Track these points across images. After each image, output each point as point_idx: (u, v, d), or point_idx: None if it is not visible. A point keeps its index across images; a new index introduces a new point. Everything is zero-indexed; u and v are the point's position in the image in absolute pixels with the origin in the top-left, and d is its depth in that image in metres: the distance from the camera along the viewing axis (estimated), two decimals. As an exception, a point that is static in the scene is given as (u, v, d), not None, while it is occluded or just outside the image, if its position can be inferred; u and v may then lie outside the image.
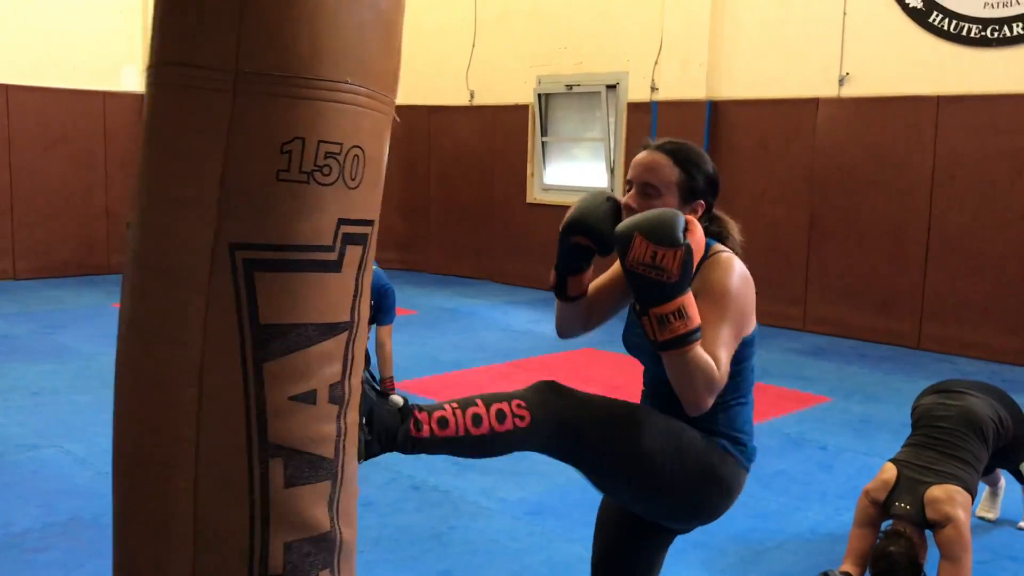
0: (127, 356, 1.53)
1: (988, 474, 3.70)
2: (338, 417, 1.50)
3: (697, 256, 1.83)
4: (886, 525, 3.17)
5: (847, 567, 3.15)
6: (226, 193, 1.38)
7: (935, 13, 7.20)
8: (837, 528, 3.75)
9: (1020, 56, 6.86)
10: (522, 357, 6.76)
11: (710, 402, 1.82)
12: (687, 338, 1.76)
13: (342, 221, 1.44)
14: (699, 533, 3.66)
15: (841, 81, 7.71)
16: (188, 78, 1.39)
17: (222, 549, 1.43)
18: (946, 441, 3.21)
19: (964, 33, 7.08)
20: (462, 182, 10.78)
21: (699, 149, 2.06)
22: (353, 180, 1.45)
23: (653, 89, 8.93)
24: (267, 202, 1.38)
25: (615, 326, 7.27)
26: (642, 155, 2.04)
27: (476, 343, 7.21)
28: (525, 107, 10.03)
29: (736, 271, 1.95)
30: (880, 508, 3.16)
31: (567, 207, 2.14)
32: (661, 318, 1.76)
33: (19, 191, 9.26)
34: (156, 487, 1.47)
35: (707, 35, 8.44)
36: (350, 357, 1.51)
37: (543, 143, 9.96)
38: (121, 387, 1.55)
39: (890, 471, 3.19)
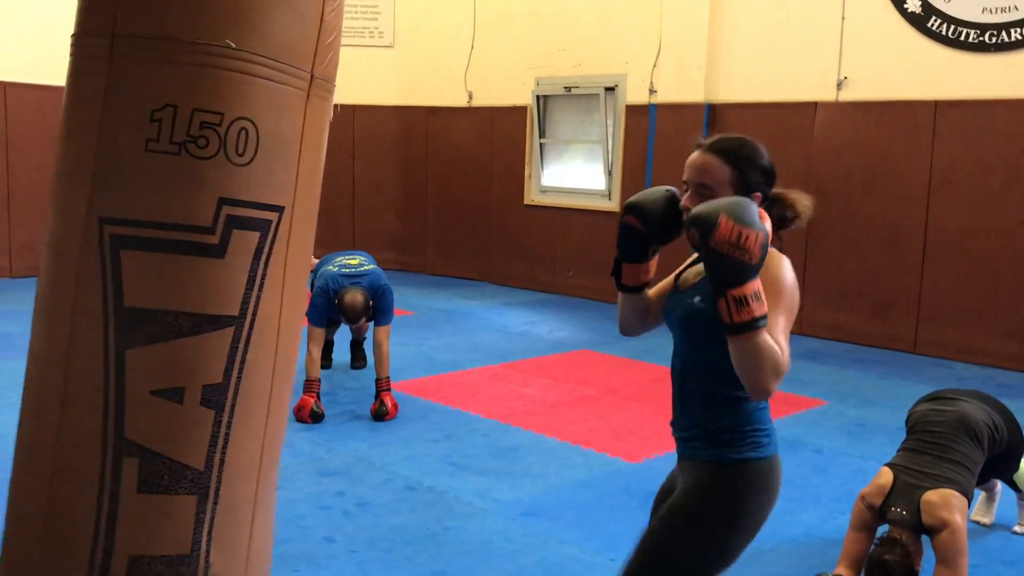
0: (32, 334, 1.42)
1: (984, 482, 3.71)
2: (215, 424, 1.31)
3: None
4: (882, 530, 3.18)
5: (841, 570, 3.16)
6: (99, 165, 1.27)
7: (933, 18, 7.21)
8: (832, 531, 3.75)
9: (1018, 61, 6.87)
10: (518, 358, 6.76)
11: (775, 387, 1.83)
12: (760, 320, 1.79)
13: (225, 201, 1.29)
14: (694, 535, 3.68)
15: (839, 85, 7.72)
16: (77, 47, 1.31)
17: (65, 549, 1.30)
18: (942, 445, 3.21)
19: (962, 38, 7.09)
20: (460, 183, 10.78)
21: (752, 143, 2.09)
22: (240, 156, 1.29)
23: (651, 92, 8.94)
24: (136, 174, 1.25)
25: (607, 327, 7.27)
26: (694, 156, 2.07)
27: (473, 344, 7.20)
28: (523, 109, 10.03)
29: (788, 266, 2.01)
30: (876, 513, 3.16)
31: (565, 209, 2.16)
32: (740, 300, 1.76)
33: (16, 188, 9.24)
34: (26, 471, 1.35)
35: (705, 38, 8.45)
36: (239, 360, 1.32)
37: (541, 145, 9.96)
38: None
39: (886, 476, 3.19)
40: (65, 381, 1.29)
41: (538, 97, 9.84)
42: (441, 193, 10.93)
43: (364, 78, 10.41)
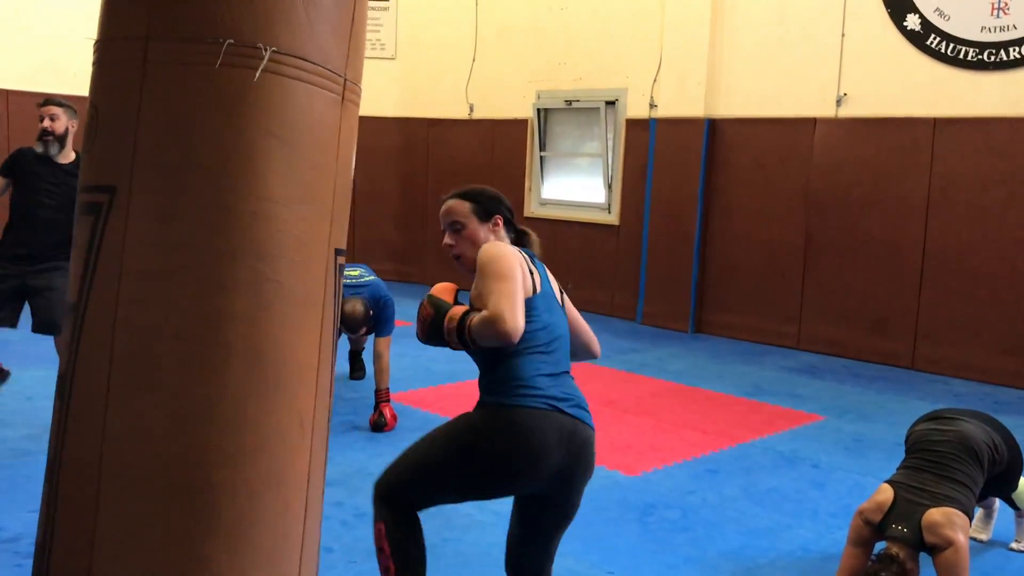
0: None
1: (982, 500, 3.71)
2: (60, 414, 1.41)
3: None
4: (880, 546, 3.18)
5: (838, 585, 3.16)
6: None
7: (933, 36, 7.26)
8: (829, 546, 3.75)
9: (1016, 80, 6.91)
10: (517, 370, 6.75)
11: (511, 329, 2.23)
12: (462, 326, 2.31)
13: (82, 189, 1.40)
14: (691, 549, 3.69)
15: (839, 101, 7.76)
16: (138, 50, 1.38)
17: None
18: (943, 464, 3.22)
19: (961, 56, 7.14)
20: (460, 195, 10.78)
21: (479, 186, 2.68)
22: (89, 142, 1.38)
23: (652, 106, 8.97)
24: None
25: (605, 340, 7.25)
26: (442, 207, 2.64)
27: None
28: (524, 122, 10.07)
29: (495, 248, 2.43)
30: (874, 529, 3.16)
31: (564, 222, 2.36)
32: (446, 332, 2.38)
33: (17, 196, 9.24)
34: None
35: (706, 53, 8.50)
36: (74, 351, 1.36)
37: (541, 158, 9.99)
38: None
39: (886, 492, 3.20)
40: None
41: (539, 110, 9.88)
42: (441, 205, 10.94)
43: (365, 89, 10.21)
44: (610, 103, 9.34)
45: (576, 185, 9.84)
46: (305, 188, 1.39)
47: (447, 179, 10.89)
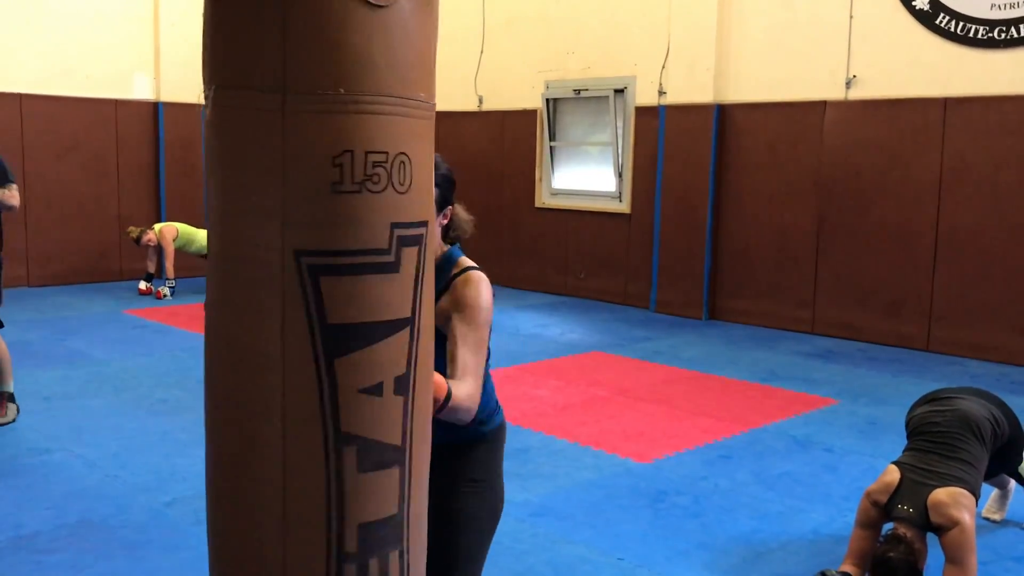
0: (216, 348, 1.65)
1: (992, 478, 3.70)
2: (404, 406, 1.59)
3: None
4: (888, 527, 3.18)
5: (846, 567, 3.16)
6: (288, 205, 1.50)
7: (942, 15, 7.19)
8: (841, 529, 3.75)
9: (1027, 57, 6.85)
10: (530, 361, 6.78)
11: (475, 406, 2.03)
12: (445, 403, 1.92)
13: (395, 225, 1.54)
14: (702, 534, 3.70)
15: (848, 84, 7.71)
16: (240, 99, 1.52)
17: (304, 528, 1.56)
18: (946, 444, 3.21)
19: (971, 35, 7.07)
20: (471, 187, 10.78)
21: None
22: (402, 185, 1.54)
23: (661, 93, 8.95)
24: (327, 212, 1.50)
25: (619, 328, 7.27)
26: None
27: (484, 347, 7.21)
28: (533, 112, 10.06)
29: (484, 287, 2.23)
30: (881, 510, 3.16)
31: (575, 211, 2.28)
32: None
33: (33, 199, 9.34)
34: (250, 466, 1.59)
35: (714, 39, 8.46)
36: (414, 351, 1.60)
37: (551, 148, 9.98)
38: (213, 371, 1.67)
39: (893, 473, 3.20)
40: (284, 390, 1.54)
41: (548, 100, 9.87)
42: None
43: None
44: (619, 91, 9.31)
45: (586, 174, 9.83)
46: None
47: (458, 173, 10.83)
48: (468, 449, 2.28)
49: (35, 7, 9.34)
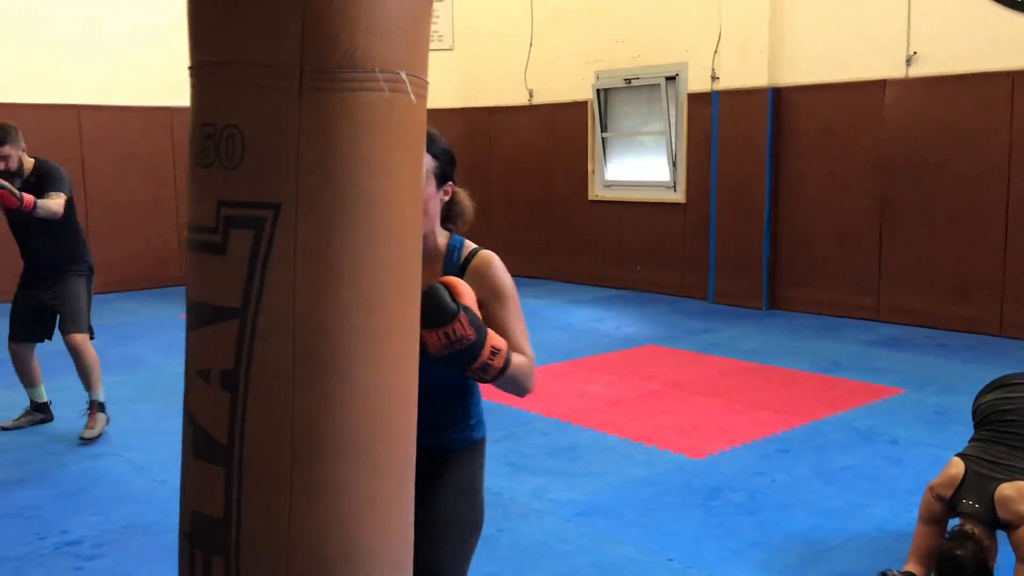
0: None
1: None
2: (232, 406, 1.49)
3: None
4: (954, 523, 2.99)
5: (910, 567, 2.98)
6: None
7: (1007, -16, 6.87)
8: (905, 525, 3.56)
9: (1100, 24, 6.49)
10: (583, 356, 6.65)
11: (533, 376, 2.04)
12: (506, 365, 1.87)
13: (222, 203, 1.47)
14: (757, 532, 3.54)
15: (908, 61, 7.41)
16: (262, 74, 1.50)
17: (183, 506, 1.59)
18: (1015, 434, 3.01)
19: (1039, 3, 6.74)
20: (523, 182, 10.72)
21: (433, 131, 1.99)
22: (230, 161, 1.45)
23: (714, 78, 8.73)
24: (191, 185, 1.54)
25: (675, 321, 7.09)
26: None
27: (537, 343, 7.02)
28: (584, 103, 9.91)
29: (501, 266, 2.12)
30: (946, 505, 2.97)
31: (630, 203, 2.13)
32: (483, 367, 1.84)
33: (92, 208, 9.50)
34: None
35: (767, 20, 8.22)
36: (247, 351, 1.48)
37: (603, 139, 9.82)
38: None
39: (957, 466, 3.00)
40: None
41: (598, 91, 9.71)
42: (505, 192, 10.88)
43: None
44: (670, 78, 9.12)
45: (640, 164, 9.64)
46: (419, 189, 1.62)
47: (510, 168, 10.83)
48: (457, 456, 2.21)
49: (90, 22, 9.51)
